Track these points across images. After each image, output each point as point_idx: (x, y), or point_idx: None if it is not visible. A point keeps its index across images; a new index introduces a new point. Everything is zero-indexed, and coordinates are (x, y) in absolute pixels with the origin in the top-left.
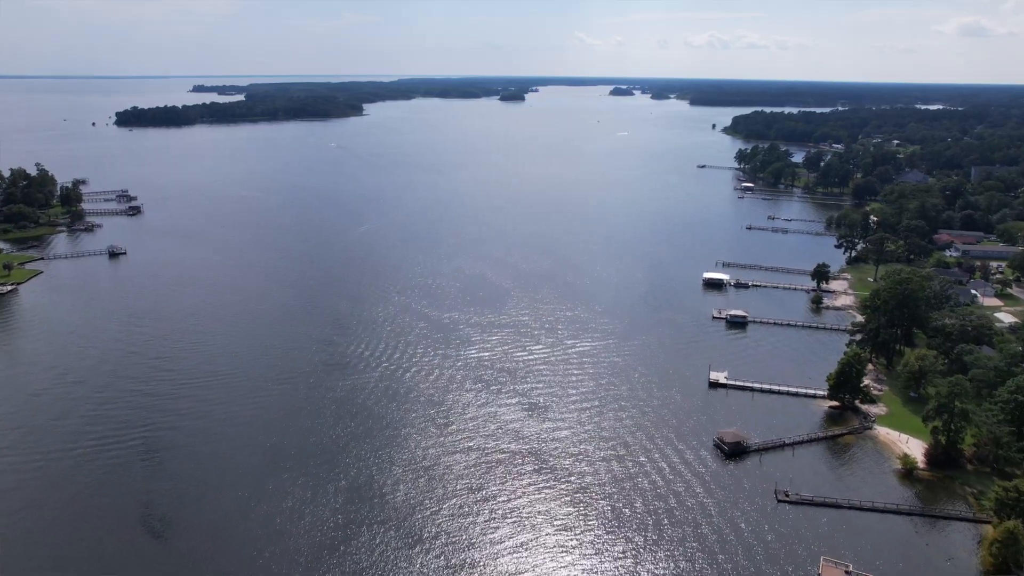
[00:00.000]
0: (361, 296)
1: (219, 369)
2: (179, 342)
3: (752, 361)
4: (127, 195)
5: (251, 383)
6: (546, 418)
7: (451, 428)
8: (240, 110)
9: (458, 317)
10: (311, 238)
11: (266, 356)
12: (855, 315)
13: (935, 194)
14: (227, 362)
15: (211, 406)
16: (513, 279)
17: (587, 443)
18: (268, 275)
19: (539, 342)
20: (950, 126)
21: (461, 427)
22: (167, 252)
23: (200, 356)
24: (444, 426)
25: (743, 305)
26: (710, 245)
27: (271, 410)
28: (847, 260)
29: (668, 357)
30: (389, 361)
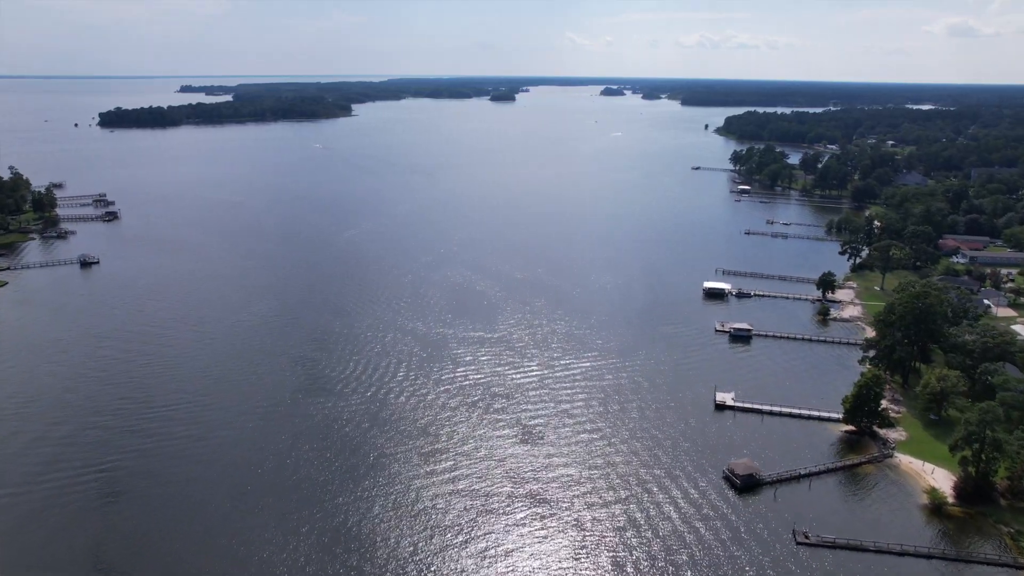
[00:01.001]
0: (345, 308)
1: (189, 395)
2: (147, 363)
3: (759, 379)
4: (104, 200)
5: (223, 410)
6: (542, 449)
7: (440, 461)
8: (227, 111)
9: (447, 332)
10: (294, 244)
11: (241, 378)
12: (864, 328)
13: (939, 198)
14: (198, 386)
15: (178, 440)
16: (505, 289)
17: (586, 479)
18: (248, 285)
19: (533, 361)
20: (944, 126)
21: (450, 460)
22: (142, 261)
23: (169, 379)
24: (432, 458)
25: (746, 316)
26: (708, 251)
27: (244, 443)
28: (851, 267)
29: (671, 376)
30: (373, 383)
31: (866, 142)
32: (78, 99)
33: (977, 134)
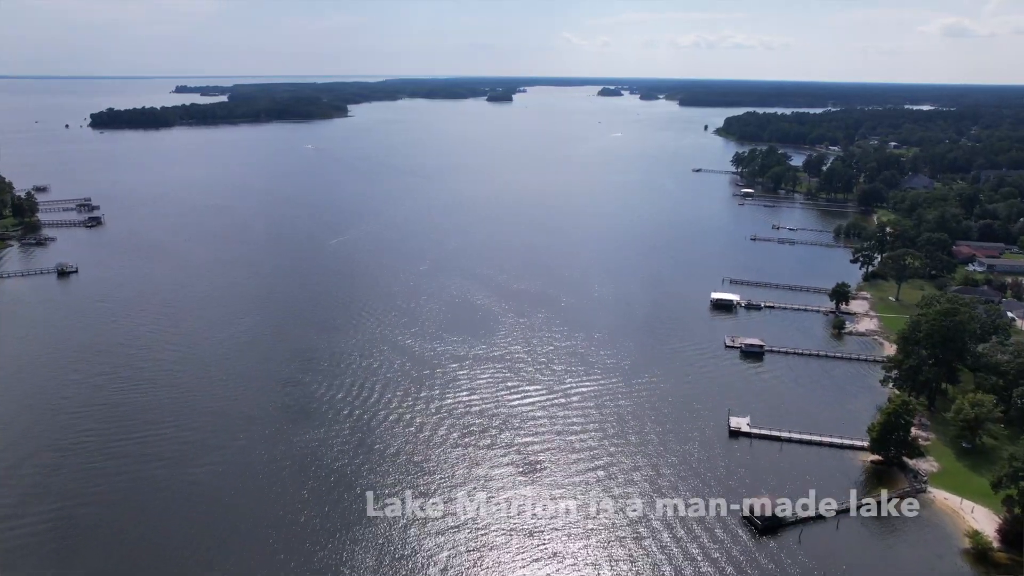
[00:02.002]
0: (333, 323)
1: (160, 424)
2: (117, 385)
3: (774, 402)
4: (89, 204)
5: (197, 440)
6: (545, 484)
7: (432, 499)
8: (221, 111)
9: (441, 350)
10: (284, 252)
11: (220, 404)
12: (882, 342)
13: (952, 203)
14: (171, 412)
15: (144, 474)
16: (503, 301)
17: (593, 524)
18: (232, 296)
19: (534, 382)
20: (945, 127)
21: (444, 497)
22: (123, 270)
23: (140, 404)
24: (424, 496)
25: (756, 329)
26: (713, 258)
27: (218, 478)
28: (864, 276)
29: (680, 399)
30: (361, 407)
31: (868, 143)
32: (72, 100)
33: (980, 135)
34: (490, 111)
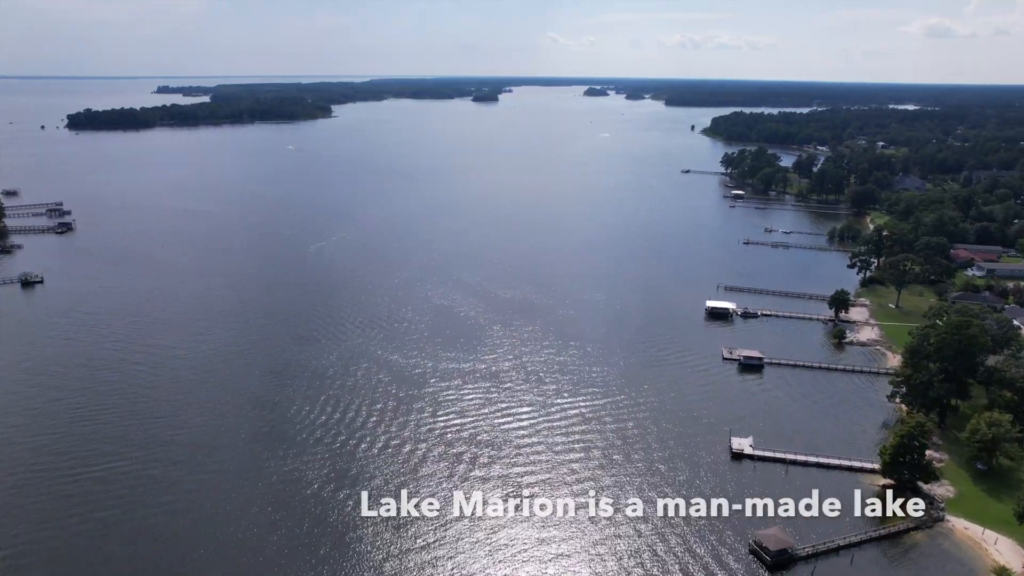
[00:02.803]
0: (310, 335)
1: (119, 456)
2: (76, 409)
3: (777, 419)
4: (59, 209)
5: (160, 475)
6: (537, 519)
7: (417, 540)
8: (203, 112)
9: (426, 366)
10: (261, 259)
11: (188, 429)
12: (885, 353)
13: (949, 205)
14: (132, 443)
15: (102, 517)
16: (491, 311)
17: (590, 560)
18: (204, 309)
19: (524, 401)
20: (932, 127)
21: (431, 536)
22: (92, 280)
23: (98, 434)
24: (409, 536)
25: (754, 340)
26: (706, 263)
27: (179, 520)
28: (861, 282)
29: (678, 417)
30: (340, 430)
31: (857, 143)
32: (52, 100)
33: (967, 135)
34: (476, 111)
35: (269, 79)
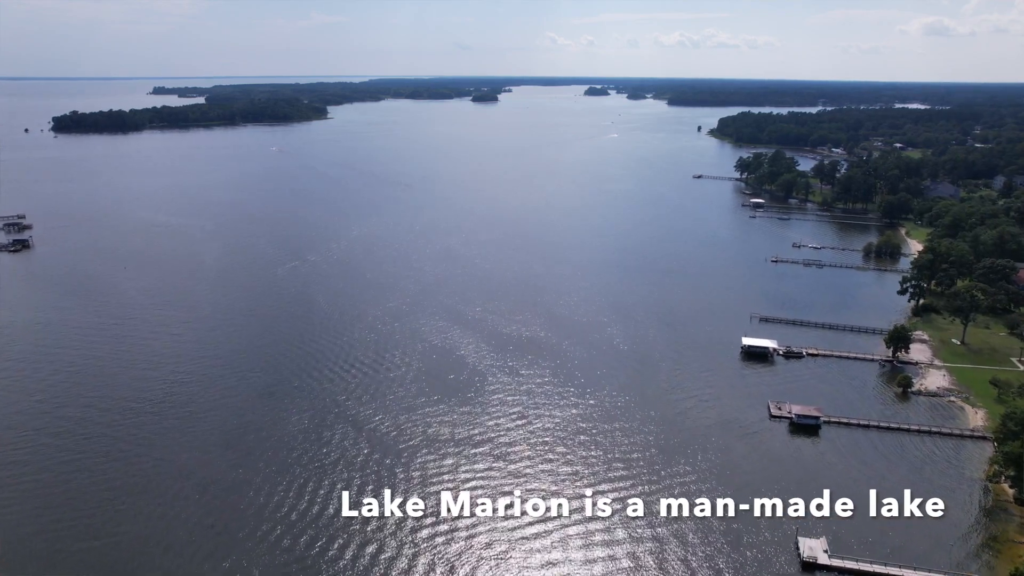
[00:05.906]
0: (277, 386)
1: (41, 536)
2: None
3: (849, 507)
4: (19, 223)
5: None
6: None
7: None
8: (194, 114)
9: (415, 432)
10: (232, 285)
11: (124, 518)
12: (962, 406)
13: (1007, 220)
14: (59, 518)
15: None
16: (492, 353)
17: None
18: (155, 353)
19: (537, 492)
20: (948, 127)
21: None
22: (39, 310)
23: (29, 503)
24: None
25: (803, 388)
26: (732, 286)
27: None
28: (913, 310)
29: (728, 510)
30: (302, 533)
31: (872, 145)
32: (42, 102)
33: (986, 135)
34: (475, 112)
35: (267, 79)
